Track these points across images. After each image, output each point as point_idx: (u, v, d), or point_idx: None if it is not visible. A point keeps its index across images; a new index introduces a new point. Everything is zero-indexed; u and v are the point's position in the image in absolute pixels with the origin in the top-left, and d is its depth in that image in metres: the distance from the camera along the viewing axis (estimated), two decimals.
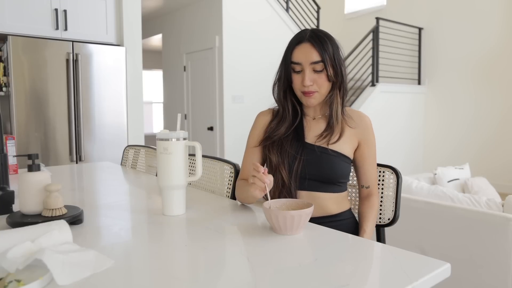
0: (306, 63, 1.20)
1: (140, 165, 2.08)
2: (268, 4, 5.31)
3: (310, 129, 1.28)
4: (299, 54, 1.21)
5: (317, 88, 1.21)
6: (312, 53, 1.19)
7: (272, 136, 1.27)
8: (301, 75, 1.21)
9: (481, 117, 5.67)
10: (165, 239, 0.92)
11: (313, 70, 1.20)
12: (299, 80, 1.22)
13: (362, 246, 0.89)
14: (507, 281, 1.72)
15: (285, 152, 1.23)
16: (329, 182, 1.24)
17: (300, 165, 1.22)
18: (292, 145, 1.24)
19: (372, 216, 1.28)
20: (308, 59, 1.19)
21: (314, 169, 1.22)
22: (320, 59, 1.18)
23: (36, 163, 1.01)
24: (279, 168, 1.22)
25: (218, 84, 5.06)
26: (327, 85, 1.22)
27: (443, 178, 3.11)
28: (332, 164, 1.22)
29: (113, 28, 3.46)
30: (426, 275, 0.70)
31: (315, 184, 1.23)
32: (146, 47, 7.16)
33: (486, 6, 5.56)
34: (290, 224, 0.90)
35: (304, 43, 1.21)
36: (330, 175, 1.23)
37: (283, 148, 1.24)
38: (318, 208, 1.22)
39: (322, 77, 1.20)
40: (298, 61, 1.21)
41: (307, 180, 1.23)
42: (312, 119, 1.30)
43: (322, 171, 1.22)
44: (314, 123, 1.29)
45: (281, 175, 1.22)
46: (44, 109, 3.10)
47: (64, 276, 0.66)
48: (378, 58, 5.60)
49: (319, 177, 1.23)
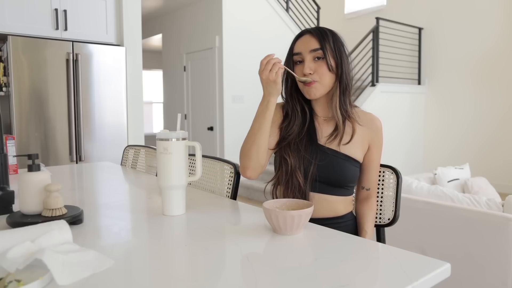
0: (306, 51, 1.20)
1: (140, 165, 2.08)
2: (268, 4, 5.31)
3: (322, 130, 1.26)
4: (299, 45, 1.23)
5: (318, 77, 1.19)
6: (311, 41, 1.20)
7: (286, 136, 1.25)
8: (302, 65, 1.21)
9: (481, 117, 5.67)
10: (165, 239, 0.92)
11: (313, 59, 1.20)
12: (300, 71, 1.21)
13: (362, 246, 0.88)
14: (507, 281, 1.72)
15: (301, 156, 1.21)
16: (338, 186, 1.24)
17: (315, 168, 1.21)
18: (307, 148, 1.22)
19: (372, 217, 1.28)
20: (307, 47, 1.20)
21: (325, 172, 1.21)
22: (319, 46, 1.19)
23: (36, 163, 1.01)
24: (295, 173, 1.20)
25: (218, 84, 5.06)
26: (328, 75, 1.20)
27: (443, 178, 3.11)
28: (342, 168, 1.22)
29: (113, 28, 3.46)
30: (426, 275, 0.70)
31: (325, 186, 1.23)
32: (146, 47, 7.16)
33: (486, 6, 5.56)
34: (290, 224, 0.90)
35: (305, 35, 1.23)
36: (340, 179, 1.22)
37: (299, 151, 1.22)
38: (326, 210, 1.22)
39: (323, 67, 1.19)
40: (298, 51, 1.22)
41: (318, 183, 1.22)
42: (323, 120, 1.28)
43: (333, 174, 1.22)
44: (325, 124, 1.27)
45: (297, 180, 1.20)
46: (44, 109, 3.10)
47: (64, 276, 0.66)
48: (378, 58, 5.60)
49: (329, 180, 1.22)
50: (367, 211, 1.28)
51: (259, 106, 1.17)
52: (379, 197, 1.36)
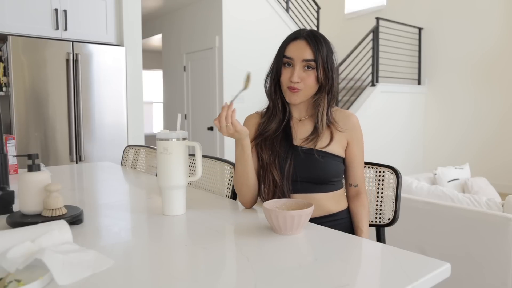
0: (298, 60, 1.19)
1: (140, 165, 2.08)
2: (268, 4, 5.31)
3: (297, 131, 1.26)
4: (292, 49, 1.21)
5: (303, 86, 1.19)
6: (305, 50, 1.19)
7: (263, 132, 1.26)
8: (291, 70, 1.20)
9: (481, 117, 5.67)
10: (165, 239, 0.92)
11: (303, 69, 1.19)
12: (288, 75, 1.20)
13: (362, 246, 0.89)
14: (507, 281, 1.72)
15: (276, 152, 1.22)
16: (321, 183, 1.23)
17: (291, 167, 1.21)
18: (282, 145, 1.23)
19: (365, 214, 1.28)
20: (301, 55, 1.19)
21: (303, 172, 1.21)
22: (313, 58, 1.18)
23: (36, 163, 1.01)
24: (271, 168, 1.21)
25: (218, 84, 5.06)
26: (314, 86, 1.20)
27: (443, 178, 3.11)
28: (320, 165, 1.21)
29: (113, 28, 3.46)
30: (426, 275, 0.70)
31: (307, 185, 1.22)
32: (146, 47, 7.16)
33: (486, 6, 5.56)
34: (290, 224, 0.89)
35: (300, 40, 1.21)
36: (321, 175, 1.22)
37: (274, 147, 1.23)
38: (317, 209, 1.22)
39: (311, 77, 1.19)
40: (290, 55, 1.20)
41: (299, 183, 1.22)
42: (298, 120, 1.28)
43: (312, 172, 1.21)
44: (301, 125, 1.27)
45: (272, 175, 1.21)
46: (44, 109, 3.10)
47: (64, 276, 0.66)
48: (378, 58, 5.60)
49: (310, 178, 1.22)
50: (359, 208, 1.28)
51: (235, 150, 1.17)
52: (379, 197, 1.36)
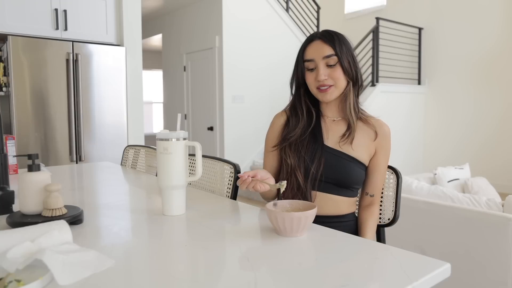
0: (319, 58, 1.21)
1: (140, 165, 2.08)
2: (268, 4, 5.31)
3: (330, 131, 1.27)
4: (311, 51, 1.23)
5: (333, 81, 1.21)
6: (323, 48, 1.20)
7: (287, 138, 1.26)
8: (315, 72, 1.22)
9: (481, 117, 5.67)
10: (165, 239, 0.92)
11: (327, 65, 1.21)
12: (313, 77, 1.22)
13: (362, 246, 0.88)
14: (507, 281, 1.72)
15: (301, 156, 1.23)
16: (343, 186, 1.24)
17: (318, 167, 1.21)
18: (309, 148, 1.23)
19: (372, 224, 1.28)
20: (320, 54, 1.20)
21: (330, 172, 1.22)
22: (333, 52, 1.20)
23: (36, 163, 1.01)
24: (295, 172, 1.22)
25: (218, 84, 5.06)
26: (343, 78, 1.22)
27: (443, 178, 3.11)
28: (349, 169, 1.22)
29: (113, 28, 3.46)
30: (426, 275, 0.70)
31: (329, 186, 1.23)
32: (146, 47, 7.16)
33: (486, 6, 5.56)
34: (294, 225, 0.88)
35: (316, 41, 1.23)
36: (346, 179, 1.23)
37: (299, 151, 1.23)
38: (331, 208, 1.23)
39: (337, 71, 1.21)
40: (310, 58, 1.22)
41: (323, 182, 1.22)
42: (332, 120, 1.29)
43: (338, 174, 1.22)
44: (335, 125, 1.28)
45: (296, 179, 1.21)
46: (44, 109, 3.10)
47: (64, 276, 0.66)
48: (378, 58, 5.60)
49: (335, 180, 1.23)
50: (368, 217, 1.27)
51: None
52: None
